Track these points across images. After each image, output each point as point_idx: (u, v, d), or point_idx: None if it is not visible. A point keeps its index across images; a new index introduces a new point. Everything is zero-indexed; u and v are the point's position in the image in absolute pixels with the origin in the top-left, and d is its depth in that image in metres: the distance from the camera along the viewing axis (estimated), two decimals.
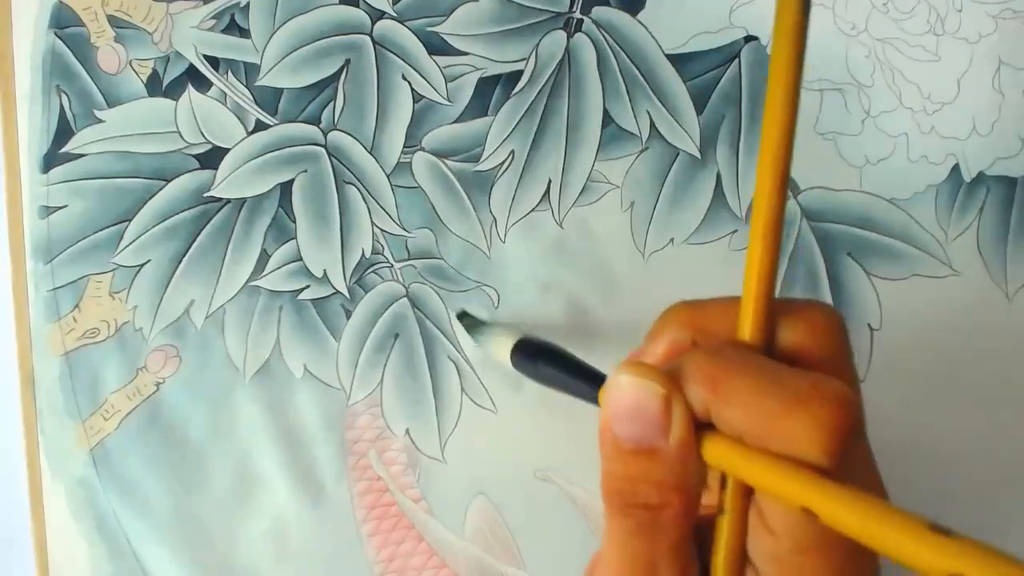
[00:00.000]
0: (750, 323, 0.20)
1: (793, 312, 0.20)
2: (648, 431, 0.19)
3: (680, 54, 0.32)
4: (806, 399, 0.17)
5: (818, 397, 0.17)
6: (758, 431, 0.18)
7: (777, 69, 0.19)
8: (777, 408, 0.17)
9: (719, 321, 0.21)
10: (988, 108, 0.32)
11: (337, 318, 0.32)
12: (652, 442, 0.19)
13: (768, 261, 0.20)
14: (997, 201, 0.32)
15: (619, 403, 0.19)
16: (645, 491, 0.19)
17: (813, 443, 0.17)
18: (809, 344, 0.20)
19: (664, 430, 0.19)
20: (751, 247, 0.20)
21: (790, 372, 0.18)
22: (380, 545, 0.32)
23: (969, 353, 0.32)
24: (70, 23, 0.32)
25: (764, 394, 0.18)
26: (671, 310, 0.22)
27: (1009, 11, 0.32)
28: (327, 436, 0.32)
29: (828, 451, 0.17)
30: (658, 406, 0.19)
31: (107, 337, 0.32)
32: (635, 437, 0.19)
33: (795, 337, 0.20)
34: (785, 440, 0.17)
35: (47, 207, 0.32)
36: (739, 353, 0.19)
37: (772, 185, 0.19)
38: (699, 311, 0.22)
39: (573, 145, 0.32)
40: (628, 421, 0.19)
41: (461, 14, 0.32)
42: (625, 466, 0.19)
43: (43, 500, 0.32)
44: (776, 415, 0.17)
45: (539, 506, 0.32)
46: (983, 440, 0.32)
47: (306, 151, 0.32)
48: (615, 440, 0.19)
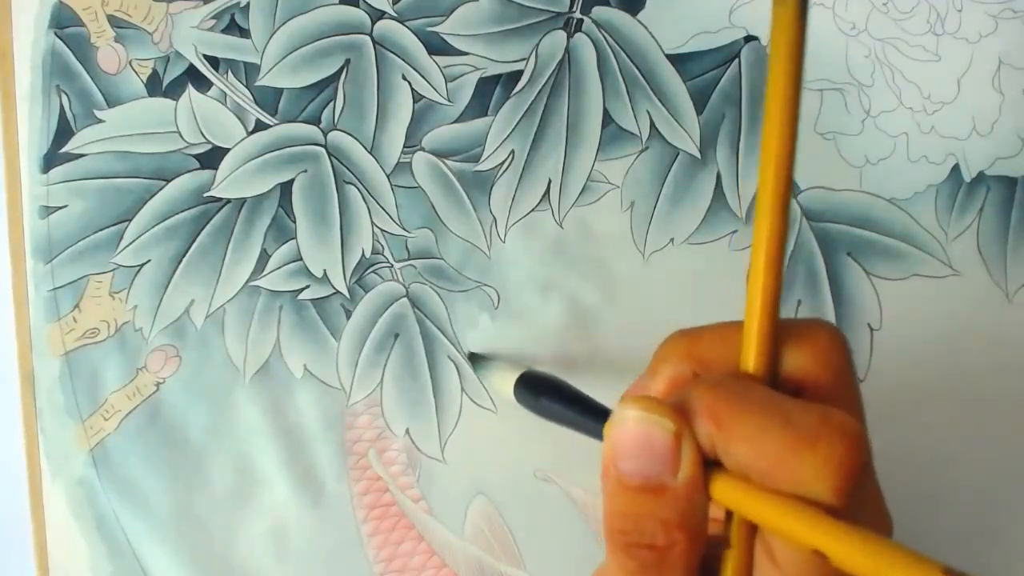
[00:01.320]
0: (754, 353, 0.19)
1: (796, 336, 0.20)
2: (656, 468, 0.18)
3: (680, 54, 0.32)
4: (813, 436, 0.17)
5: (826, 434, 0.17)
6: (765, 469, 0.17)
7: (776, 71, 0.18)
8: (784, 446, 0.17)
9: (719, 351, 0.20)
10: (988, 108, 0.32)
11: (337, 318, 0.32)
12: (659, 479, 0.18)
13: (772, 288, 0.19)
14: (997, 201, 0.32)
15: (626, 438, 0.19)
16: (651, 530, 0.18)
17: (822, 482, 0.17)
18: (813, 370, 0.19)
19: (673, 467, 0.18)
20: (753, 273, 0.19)
21: (797, 406, 0.18)
22: (380, 545, 0.32)
23: (969, 353, 0.32)
24: (70, 23, 0.32)
25: (770, 431, 0.17)
26: (669, 343, 0.21)
27: (1009, 11, 0.32)
28: (327, 436, 0.32)
29: (837, 489, 0.17)
30: (667, 442, 0.18)
31: (107, 337, 0.32)
32: (642, 474, 0.18)
33: (799, 363, 0.19)
34: (793, 479, 0.17)
35: (47, 207, 0.32)
36: (743, 386, 0.19)
37: (774, 208, 0.18)
38: (698, 341, 0.21)
39: (573, 145, 0.32)
40: (634, 458, 0.18)
41: (461, 14, 0.32)
42: (630, 504, 0.19)
43: (43, 500, 0.32)
44: (783, 453, 0.17)
45: (539, 506, 0.32)
46: (983, 440, 0.32)
47: (306, 151, 0.32)
48: (620, 476, 0.19)
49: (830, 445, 0.17)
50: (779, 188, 0.18)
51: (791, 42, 0.18)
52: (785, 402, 0.18)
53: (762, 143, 0.19)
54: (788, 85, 0.18)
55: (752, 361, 0.19)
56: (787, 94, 0.18)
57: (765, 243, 0.19)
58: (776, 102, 0.18)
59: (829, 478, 0.17)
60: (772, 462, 0.17)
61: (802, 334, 0.20)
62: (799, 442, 0.17)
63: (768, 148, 0.18)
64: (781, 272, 0.19)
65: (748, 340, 0.19)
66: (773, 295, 0.19)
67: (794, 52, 0.18)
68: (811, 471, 0.17)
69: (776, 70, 0.18)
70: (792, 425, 0.17)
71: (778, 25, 0.18)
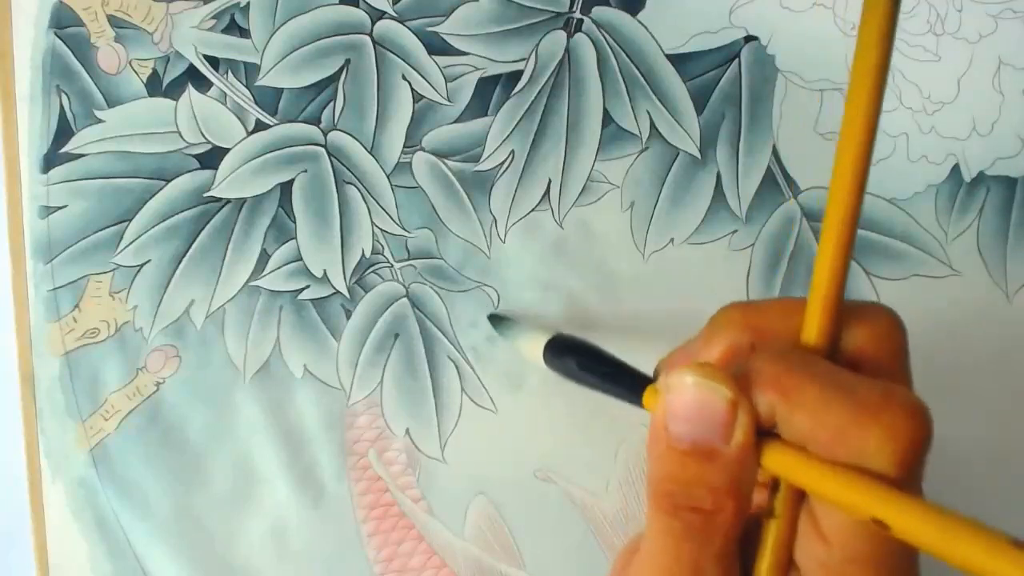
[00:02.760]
0: (816, 326, 0.19)
1: (857, 316, 0.20)
2: (709, 433, 0.18)
3: (680, 54, 0.32)
4: (877, 409, 0.17)
5: (891, 407, 0.17)
6: (827, 440, 0.17)
7: (865, 55, 0.18)
8: (848, 418, 0.17)
9: (778, 323, 0.20)
10: (988, 108, 0.32)
11: (337, 318, 0.32)
12: (711, 444, 0.18)
13: (840, 262, 0.19)
14: (997, 201, 0.32)
15: (680, 402, 0.19)
16: (699, 494, 0.19)
17: (885, 454, 0.17)
18: (872, 349, 0.19)
19: (727, 434, 0.18)
20: (822, 246, 0.19)
21: (860, 381, 0.18)
22: (380, 545, 0.32)
23: (969, 353, 0.32)
24: (70, 23, 0.32)
25: (835, 403, 0.17)
26: (726, 311, 0.21)
27: (1009, 11, 0.32)
28: (327, 436, 0.32)
29: (900, 463, 0.17)
30: (724, 409, 0.18)
31: (107, 337, 0.32)
32: (693, 438, 0.18)
33: (858, 342, 0.19)
34: (855, 450, 0.17)
35: (47, 207, 0.32)
36: (807, 359, 0.19)
37: (850, 181, 0.18)
38: (756, 312, 0.21)
39: (573, 145, 0.32)
40: (688, 421, 0.19)
41: (461, 14, 0.32)
42: (679, 468, 0.19)
43: (43, 500, 0.32)
44: (847, 425, 0.17)
45: (539, 506, 0.32)
46: (983, 440, 0.32)
47: (306, 151, 0.32)
48: (670, 440, 0.19)
49: (895, 418, 0.17)
50: (857, 166, 0.18)
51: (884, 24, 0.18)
52: (849, 376, 0.18)
53: (842, 130, 0.18)
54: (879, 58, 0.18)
55: (815, 335, 0.19)
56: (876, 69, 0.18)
57: (837, 221, 0.19)
58: (862, 80, 0.18)
59: (892, 451, 0.17)
60: (834, 433, 0.17)
61: (862, 313, 0.20)
62: (863, 414, 0.17)
63: (848, 132, 0.18)
64: (850, 250, 0.19)
65: (811, 314, 0.19)
66: (841, 271, 0.19)
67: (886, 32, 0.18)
68: (875, 443, 0.17)
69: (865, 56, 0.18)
70: (856, 397, 0.17)
71: (870, 8, 0.18)
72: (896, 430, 0.17)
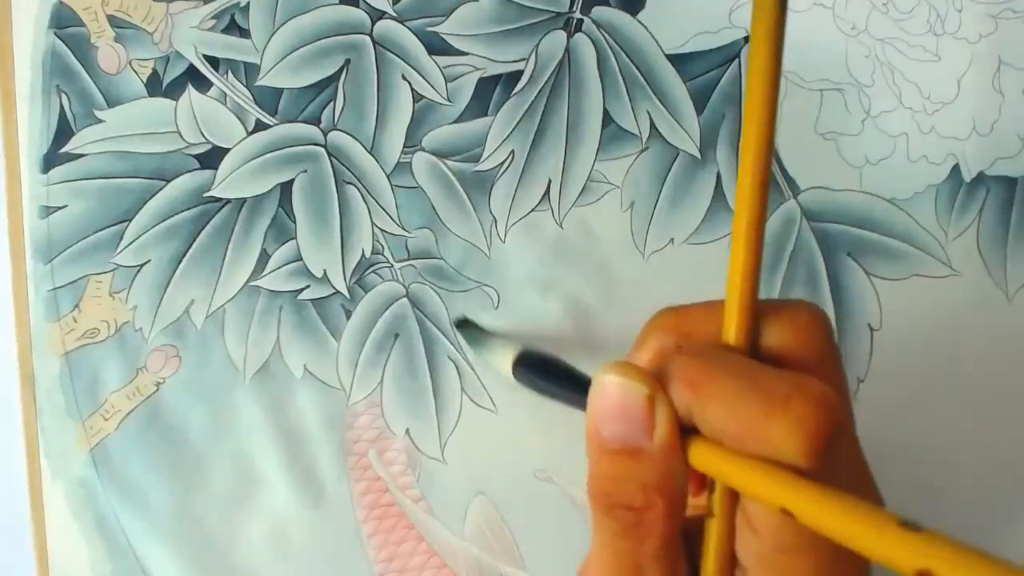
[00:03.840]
0: (734, 325, 0.20)
1: (778, 313, 0.20)
2: (632, 431, 0.19)
3: (680, 54, 0.32)
4: (785, 400, 0.17)
5: (797, 398, 0.17)
6: (738, 433, 0.18)
7: (756, 60, 0.19)
8: (756, 410, 0.17)
9: (704, 326, 0.21)
10: (988, 108, 0.32)
11: (337, 318, 0.32)
12: (636, 442, 0.19)
13: (750, 262, 0.19)
14: (997, 201, 0.32)
15: (604, 402, 0.19)
16: (629, 492, 0.19)
17: (792, 444, 0.17)
18: (793, 345, 0.20)
19: (648, 430, 0.19)
20: (733, 248, 0.20)
21: (771, 373, 0.18)
22: (380, 545, 0.32)
23: (969, 353, 0.32)
24: (70, 23, 0.32)
25: (743, 395, 0.18)
26: (656, 316, 0.22)
27: (1009, 11, 0.32)
28: (327, 436, 0.32)
29: (807, 452, 0.17)
30: (642, 405, 0.19)
31: (107, 337, 0.32)
32: (620, 437, 0.19)
33: (779, 339, 0.20)
34: (764, 442, 0.17)
35: (47, 207, 0.32)
36: (720, 354, 0.19)
37: (753, 182, 0.19)
38: (684, 316, 0.22)
39: (573, 145, 0.32)
40: (612, 421, 0.19)
41: (461, 14, 0.32)
42: (610, 466, 0.19)
43: (43, 500, 0.32)
44: (755, 417, 0.17)
45: (539, 506, 0.32)
46: (983, 440, 0.32)
47: (306, 151, 0.32)
48: (601, 440, 0.20)
49: (801, 408, 0.17)
50: (758, 166, 0.19)
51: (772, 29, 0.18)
52: (760, 369, 0.19)
53: (744, 107, 0.19)
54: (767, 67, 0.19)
55: (732, 334, 0.20)
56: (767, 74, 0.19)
57: (745, 216, 0.19)
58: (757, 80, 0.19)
59: (799, 440, 0.17)
60: (744, 425, 0.18)
61: (782, 311, 0.20)
62: (770, 405, 0.17)
63: (748, 133, 0.19)
64: (760, 247, 0.19)
65: (728, 313, 0.20)
66: (751, 269, 0.19)
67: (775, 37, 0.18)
68: (782, 433, 0.17)
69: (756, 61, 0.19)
70: (764, 389, 0.18)
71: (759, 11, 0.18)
72: (803, 420, 0.17)
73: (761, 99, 0.19)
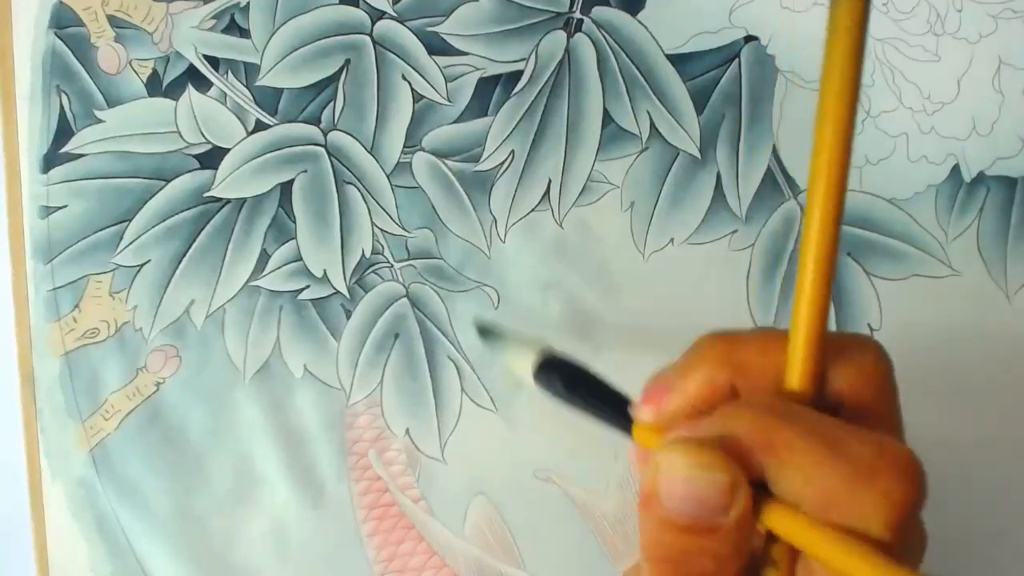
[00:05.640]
0: (799, 371, 0.18)
1: (843, 353, 0.19)
2: (708, 514, 0.18)
3: (680, 54, 0.32)
4: (870, 471, 0.16)
5: (884, 469, 0.16)
6: (819, 501, 0.17)
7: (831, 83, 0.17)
8: (840, 481, 0.16)
9: (759, 360, 0.19)
10: (988, 108, 0.32)
11: (337, 318, 0.32)
12: (711, 522, 0.18)
13: (821, 301, 0.18)
14: (997, 201, 0.32)
15: (676, 486, 0.18)
16: (701, 563, 0.18)
17: (877, 518, 0.16)
18: (856, 387, 0.19)
19: (725, 511, 0.17)
20: (800, 282, 0.18)
21: (852, 436, 0.17)
22: (380, 545, 0.32)
23: (969, 353, 0.32)
24: (70, 23, 0.32)
25: (826, 464, 0.17)
26: (704, 344, 0.20)
27: (1009, 11, 0.32)
28: (327, 436, 0.32)
29: (892, 525, 0.16)
30: (722, 493, 0.17)
31: (107, 337, 0.32)
32: (692, 516, 0.18)
33: (842, 380, 0.19)
34: (848, 513, 0.16)
35: (47, 207, 0.32)
36: (793, 412, 0.18)
37: (826, 213, 0.18)
38: (736, 347, 0.20)
39: (573, 145, 0.32)
40: (683, 502, 0.18)
41: (461, 14, 0.32)
42: (677, 539, 0.18)
43: (43, 500, 0.32)
44: (839, 487, 0.16)
45: (539, 506, 0.32)
46: (983, 440, 0.32)
47: (306, 151, 0.32)
48: (666, 514, 0.18)
49: (888, 481, 0.16)
50: (832, 200, 0.18)
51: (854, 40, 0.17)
52: (840, 431, 0.17)
53: (816, 126, 0.18)
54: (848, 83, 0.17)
55: (797, 379, 0.18)
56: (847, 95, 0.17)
57: (814, 254, 0.18)
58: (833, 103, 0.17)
59: (885, 514, 0.16)
60: (827, 496, 0.17)
61: (846, 349, 0.19)
62: (856, 477, 0.16)
63: (820, 160, 0.17)
64: (830, 285, 0.18)
65: (794, 357, 0.18)
66: (821, 311, 0.18)
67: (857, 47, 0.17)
68: (868, 507, 0.16)
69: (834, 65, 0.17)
70: (848, 458, 0.17)
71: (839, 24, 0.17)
72: (889, 494, 0.16)
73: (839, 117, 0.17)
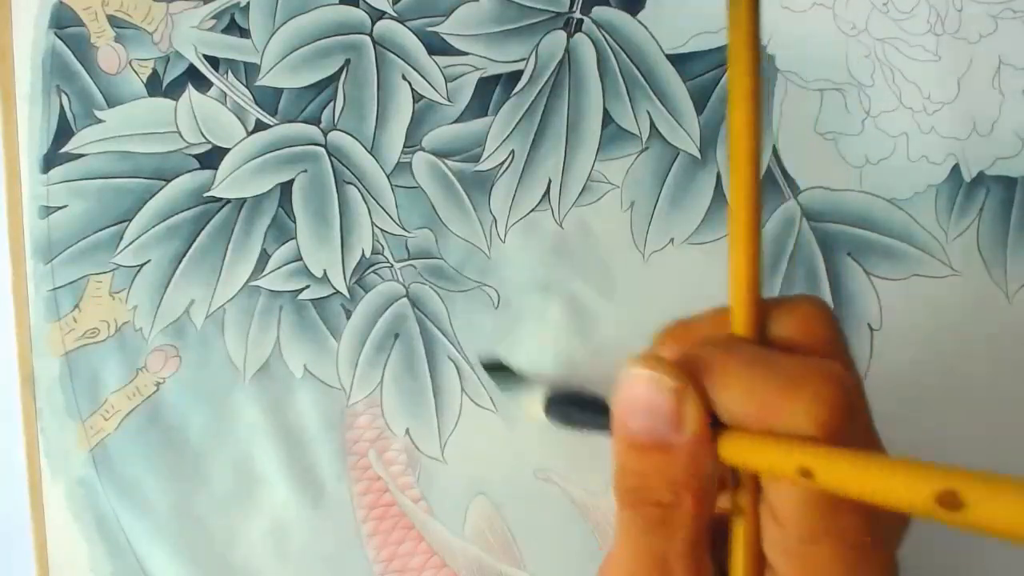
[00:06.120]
0: (742, 319, 0.20)
1: (781, 306, 0.21)
2: (661, 425, 0.19)
3: (680, 54, 0.32)
4: (800, 379, 0.18)
5: (812, 376, 0.18)
6: (757, 414, 0.18)
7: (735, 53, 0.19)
8: (773, 390, 0.18)
9: (713, 330, 0.21)
10: (988, 108, 0.32)
11: (337, 318, 0.32)
12: (665, 436, 0.19)
13: (750, 254, 0.20)
14: (997, 201, 0.32)
15: (631, 396, 0.19)
16: (658, 487, 0.19)
17: (809, 419, 0.17)
18: (801, 336, 0.20)
19: (677, 424, 0.19)
20: (732, 243, 0.20)
21: (785, 356, 0.19)
22: (380, 545, 0.32)
23: (969, 353, 0.32)
24: (70, 23, 0.32)
25: (760, 377, 0.18)
26: (665, 328, 0.22)
27: (1009, 11, 0.32)
28: (327, 436, 0.32)
29: (822, 424, 0.17)
30: (671, 399, 0.19)
31: (107, 337, 0.32)
32: (648, 431, 0.19)
33: (786, 330, 0.20)
34: (782, 420, 0.18)
35: (47, 207, 0.32)
36: (734, 342, 0.20)
37: (744, 177, 0.19)
38: (693, 325, 0.22)
39: (573, 145, 0.32)
40: (640, 415, 0.19)
41: (461, 14, 0.32)
42: (637, 461, 0.19)
43: (43, 500, 0.32)
44: (773, 397, 0.18)
45: (539, 506, 0.32)
46: (983, 440, 0.32)
47: (306, 151, 0.32)
48: (628, 435, 0.19)
49: (815, 384, 0.18)
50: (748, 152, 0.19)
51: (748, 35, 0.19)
52: (774, 354, 0.19)
53: (728, 108, 0.19)
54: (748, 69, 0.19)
55: (741, 327, 0.20)
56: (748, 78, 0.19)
57: (743, 211, 0.19)
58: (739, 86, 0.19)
59: (815, 414, 0.17)
60: (763, 406, 0.18)
61: (784, 303, 0.21)
62: (787, 385, 0.18)
63: (736, 139, 0.19)
64: (758, 239, 0.20)
65: (735, 307, 0.20)
66: (752, 261, 0.20)
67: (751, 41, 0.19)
68: (799, 409, 0.17)
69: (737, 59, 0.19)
70: (780, 371, 0.18)
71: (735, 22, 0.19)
72: (818, 395, 0.17)
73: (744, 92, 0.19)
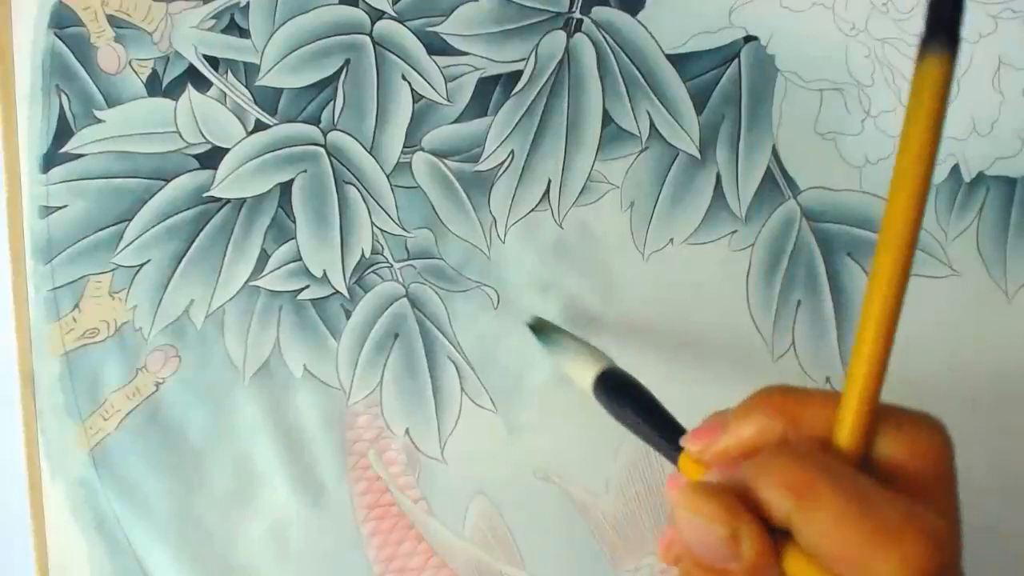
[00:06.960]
0: (848, 429, 0.18)
1: (898, 423, 0.19)
2: (717, 557, 0.18)
3: (680, 54, 0.32)
4: (895, 533, 0.16)
5: (909, 532, 0.16)
6: (838, 556, 0.17)
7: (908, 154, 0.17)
8: (863, 537, 0.16)
9: (816, 416, 0.19)
10: (988, 108, 0.32)
11: (337, 318, 0.32)
12: (724, 564, 0.18)
13: (880, 360, 0.18)
14: (997, 201, 0.32)
15: (686, 527, 0.19)
16: None
17: None
18: (910, 463, 0.18)
19: (734, 557, 0.18)
20: (860, 340, 0.18)
21: (882, 497, 0.17)
22: (380, 545, 0.32)
23: (969, 353, 0.32)
24: (70, 23, 0.32)
25: (851, 519, 0.16)
26: (765, 393, 0.20)
27: (1009, 11, 0.32)
28: (327, 436, 0.32)
29: None
30: (723, 543, 0.18)
31: (107, 337, 0.32)
32: (707, 557, 0.18)
33: (894, 452, 0.19)
34: (866, 572, 0.16)
35: (47, 207, 0.32)
36: (830, 464, 0.18)
37: (892, 275, 0.17)
38: (795, 401, 0.20)
39: (573, 145, 0.32)
40: (697, 544, 0.18)
41: (461, 14, 0.32)
42: (699, 572, 0.19)
43: (43, 500, 0.32)
44: (861, 544, 0.16)
45: (539, 506, 0.32)
46: (983, 440, 0.32)
47: (306, 151, 0.32)
48: (691, 554, 0.19)
49: (911, 545, 0.16)
50: (900, 262, 0.17)
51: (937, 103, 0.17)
52: (872, 490, 0.17)
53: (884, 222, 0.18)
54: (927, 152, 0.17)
55: (845, 437, 0.18)
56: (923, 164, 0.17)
57: (876, 314, 0.18)
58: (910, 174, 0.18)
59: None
60: (845, 551, 0.16)
61: (904, 421, 0.19)
62: (877, 536, 0.16)
63: (892, 223, 0.17)
64: (889, 349, 0.18)
65: (844, 413, 0.18)
66: (878, 372, 0.18)
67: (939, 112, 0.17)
68: (887, 569, 0.16)
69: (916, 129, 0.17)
70: (874, 517, 0.16)
71: (924, 81, 0.17)
72: (910, 559, 0.16)
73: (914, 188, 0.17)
